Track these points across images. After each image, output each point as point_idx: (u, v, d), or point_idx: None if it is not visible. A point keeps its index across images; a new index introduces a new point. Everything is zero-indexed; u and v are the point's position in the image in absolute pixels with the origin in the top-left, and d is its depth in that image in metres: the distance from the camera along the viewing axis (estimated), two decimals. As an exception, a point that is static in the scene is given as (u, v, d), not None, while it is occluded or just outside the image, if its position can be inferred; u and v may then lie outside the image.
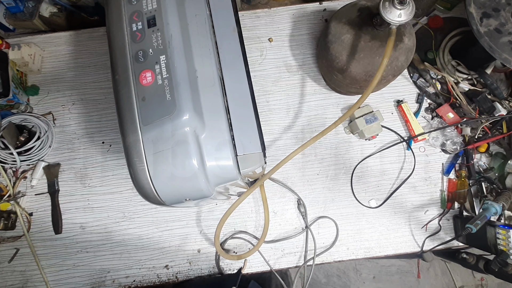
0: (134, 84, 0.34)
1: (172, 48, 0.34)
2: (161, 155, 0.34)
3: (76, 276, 0.67)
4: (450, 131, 0.70)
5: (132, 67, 0.35)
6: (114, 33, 0.36)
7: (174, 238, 0.69)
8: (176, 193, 0.36)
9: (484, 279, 1.50)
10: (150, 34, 0.35)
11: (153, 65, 0.34)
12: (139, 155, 0.34)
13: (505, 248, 0.59)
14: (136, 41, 0.35)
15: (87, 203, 0.70)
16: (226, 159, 0.36)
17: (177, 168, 0.34)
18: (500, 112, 0.68)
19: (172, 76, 0.34)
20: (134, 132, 0.34)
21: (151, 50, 0.35)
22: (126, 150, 0.35)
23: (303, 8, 0.77)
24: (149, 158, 0.34)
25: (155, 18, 0.35)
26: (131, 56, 0.35)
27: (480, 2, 0.58)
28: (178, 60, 0.34)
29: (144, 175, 0.34)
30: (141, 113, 0.34)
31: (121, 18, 0.36)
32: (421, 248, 0.69)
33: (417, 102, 0.73)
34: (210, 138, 0.35)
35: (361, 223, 0.70)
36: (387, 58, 0.48)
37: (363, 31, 0.57)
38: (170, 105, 0.34)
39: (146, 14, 0.35)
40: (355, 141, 0.72)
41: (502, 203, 0.61)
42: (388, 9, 0.47)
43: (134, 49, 0.35)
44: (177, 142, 0.34)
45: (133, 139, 0.34)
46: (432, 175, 0.71)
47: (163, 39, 0.35)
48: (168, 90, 0.34)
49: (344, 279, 1.51)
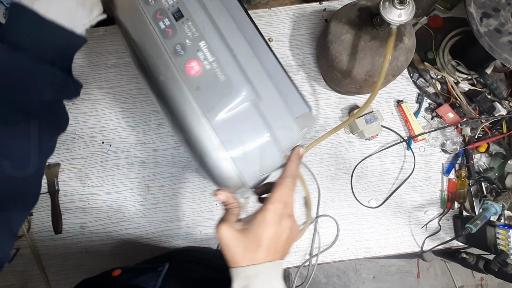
0: (183, 78, 0.34)
1: (208, 31, 0.35)
2: (235, 135, 0.34)
3: (76, 276, 0.67)
4: (450, 131, 0.70)
5: (174, 63, 0.34)
6: (142, 37, 0.36)
7: (174, 238, 0.69)
8: (257, 169, 0.36)
9: (484, 279, 1.50)
10: (181, 26, 0.35)
11: (195, 54, 0.34)
12: (213, 142, 0.34)
13: (505, 248, 0.59)
14: (169, 37, 0.35)
15: (87, 203, 0.70)
16: (287, 123, 0.36)
17: (252, 142, 0.34)
18: (500, 112, 0.68)
19: (218, 57, 0.34)
20: (199, 123, 0.34)
21: (188, 40, 0.35)
22: (197, 144, 0.34)
23: (303, 8, 0.77)
24: (224, 141, 0.34)
25: (180, 10, 0.35)
26: (169, 53, 0.35)
27: (480, 2, 0.58)
28: (217, 41, 0.35)
29: (226, 161, 0.34)
30: (200, 102, 0.34)
31: (144, 20, 0.36)
32: (421, 248, 0.69)
33: (417, 102, 0.73)
34: (268, 107, 0.35)
35: (361, 223, 0.70)
36: (388, 58, 0.48)
37: (363, 31, 0.57)
38: (227, 85, 0.34)
39: (169, 9, 0.35)
40: (355, 141, 0.72)
41: (502, 203, 0.61)
42: (388, 9, 0.47)
43: (170, 46, 0.35)
44: (245, 117, 0.34)
45: (201, 130, 0.34)
46: (432, 175, 0.71)
47: (196, 27, 0.35)
48: (220, 71, 0.34)
49: (344, 279, 1.51)
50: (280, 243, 0.36)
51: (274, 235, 0.35)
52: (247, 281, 0.33)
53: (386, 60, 0.47)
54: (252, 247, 0.34)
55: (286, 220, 0.36)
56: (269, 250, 0.35)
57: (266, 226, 0.34)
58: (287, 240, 0.36)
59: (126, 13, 0.37)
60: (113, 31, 0.75)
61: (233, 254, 0.34)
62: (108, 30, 0.75)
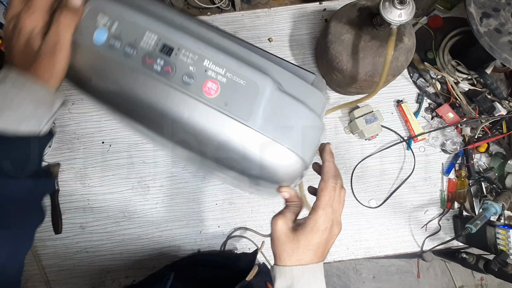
0: (208, 103, 0.33)
1: (205, 48, 0.34)
2: (282, 126, 0.34)
3: (76, 276, 0.67)
4: (450, 131, 0.70)
5: (191, 95, 0.33)
6: (142, 91, 0.34)
7: (174, 238, 0.69)
8: (312, 145, 0.36)
9: (484, 279, 1.50)
10: (176, 58, 0.33)
11: (205, 75, 0.33)
12: (267, 145, 0.33)
13: (504, 248, 0.59)
14: (171, 74, 0.33)
15: (87, 203, 0.70)
16: (311, 91, 0.37)
17: (298, 123, 0.34)
18: (500, 112, 0.68)
19: (228, 66, 0.33)
20: (244, 134, 0.33)
21: (191, 66, 0.33)
22: (251, 157, 0.34)
23: (303, 8, 0.77)
24: (276, 137, 0.33)
25: (166, 44, 0.33)
26: (180, 88, 0.33)
27: (480, 2, 0.58)
28: (218, 53, 0.34)
29: (287, 154, 0.34)
30: (236, 115, 0.33)
31: (135, 74, 0.33)
32: (421, 248, 0.69)
33: (417, 102, 0.73)
34: (290, 87, 0.35)
35: (361, 223, 0.70)
36: (389, 57, 0.48)
37: (363, 31, 0.57)
38: (251, 86, 0.33)
39: (155, 49, 0.33)
40: (355, 141, 0.72)
41: (502, 203, 0.61)
42: (388, 9, 0.47)
43: (177, 81, 0.33)
44: (281, 105, 0.34)
45: (248, 139, 0.33)
46: (432, 175, 0.71)
47: (191, 51, 0.33)
48: (238, 78, 0.33)
49: (344, 279, 1.51)
50: (327, 248, 0.37)
51: (323, 240, 0.36)
52: (291, 280, 0.34)
53: (387, 59, 0.47)
54: (301, 249, 0.35)
55: (336, 227, 0.37)
56: (316, 254, 0.36)
57: (318, 231, 0.35)
58: (331, 244, 0.38)
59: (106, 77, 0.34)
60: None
61: (280, 252, 0.35)
62: (108, 30, 0.75)
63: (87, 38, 0.34)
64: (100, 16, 0.34)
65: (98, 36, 0.34)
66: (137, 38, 0.33)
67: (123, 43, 0.33)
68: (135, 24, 0.34)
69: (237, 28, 0.76)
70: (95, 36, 0.34)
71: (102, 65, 0.34)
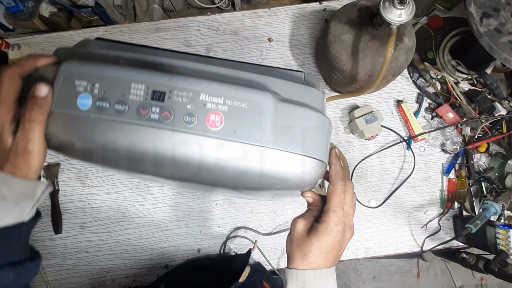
0: (216, 136, 0.32)
1: (196, 83, 0.32)
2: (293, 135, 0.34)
3: (76, 276, 0.67)
4: (450, 131, 0.70)
5: (196, 133, 0.32)
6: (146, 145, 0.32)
7: (174, 238, 0.69)
8: (325, 144, 0.36)
9: (484, 279, 1.50)
10: (171, 101, 0.32)
11: (205, 108, 0.32)
12: (285, 161, 0.33)
13: (504, 248, 0.59)
14: (171, 118, 0.32)
15: (87, 203, 0.70)
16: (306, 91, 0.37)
17: (307, 127, 0.34)
18: (500, 112, 0.68)
19: (225, 93, 0.32)
20: (260, 155, 0.33)
21: (188, 105, 0.32)
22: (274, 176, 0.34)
23: (303, 8, 0.77)
24: (291, 148, 0.33)
25: (156, 91, 0.32)
26: (184, 130, 0.32)
27: (480, 2, 0.58)
28: (211, 83, 0.33)
29: (306, 161, 0.34)
30: (247, 140, 0.32)
31: (135, 131, 0.32)
32: (421, 248, 0.69)
33: (417, 102, 0.73)
34: (288, 94, 0.36)
35: (361, 223, 0.70)
36: (389, 57, 0.48)
37: (363, 31, 0.57)
38: (254, 107, 0.33)
39: (146, 99, 0.32)
40: (355, 141, 0.72)
41: (501, 203, 0.61)
42: (388, 9, 0.47)
43: (179, 123, 0.32)
44: (286, 115, 0.34)
45: (265, 159, 0.33)
46: (432, 175, 0.71)
47: (184, 89, 0.32)
48: (238, 102, 0.32)
49: (344, 279, 1.51)
50: (340, 252, 0.37)
51: (336, 243, 0.36)
52: (303, 284, 0.34)
53: (387, 57, 0.47)
54: (313, 252, 0.35)
55: (349, 231, 0.37)
56: (328, 257, 0.35)
57: (331, 234, 0.35)
58: (344, 248, 0.38)
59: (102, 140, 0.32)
60: (113, 31, 0.75)
61: (295, 253, 0.36)
62: (108, 30, 0.75)
63: (71, 108, 0.32)
64: (77, 82, 0.32)
65: (82, 102, 0.32)
66: (124, 93, 0.32)
67: (111, 102, 0.32)
68: (117, 80, 0.32)
69: (237, 28, 0.76)
70: (79, 104, 0.32)
71: (95, 129, 0.32)
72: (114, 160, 0.35)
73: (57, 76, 0.32)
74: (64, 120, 0.32)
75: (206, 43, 0.75)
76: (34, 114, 0.30)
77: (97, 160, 0.36)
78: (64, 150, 0.34)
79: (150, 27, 0.76)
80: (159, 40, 0.75)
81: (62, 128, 0.32)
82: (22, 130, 0.30)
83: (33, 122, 0.30)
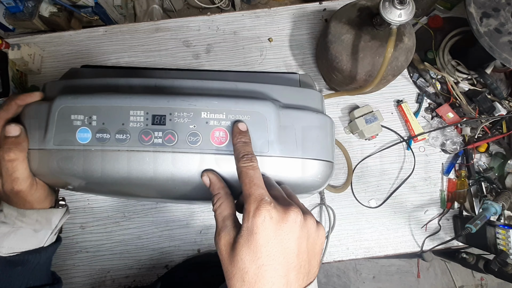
0: (223, 152, 0.32)
1: (196, 101, 0.32)
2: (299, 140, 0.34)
3: (76, 276, 0.67)
4: (450, 131, 0.70)
5: (203, 151, 0.32)
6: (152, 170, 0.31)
7: (174, 238, 0.69)
8: (329, 145, 0.36)
9: (484, 279, 1.51)
10: (173, 123, 0.32)
11: (208, 126, 0.32)
12: (293, 164, 0.33)
13: (504, 248, 0.59)
14: (175, 141, 0.32)
15: (87, 203, 0.70)
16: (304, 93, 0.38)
17: (310, 129, 0.34)
18: (500, 112, 0.68)
19: (226, 108, 0.32)
20: (269, 164, 0.33)
21: (191, 125, 0.32)
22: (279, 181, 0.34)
23: (303, 8, 0.77)
24: (299, 154, 0.33)
25: (156, 115, 0.31)
26: (190, 150, 0.32)
27: (480, 2, 0.58)
28: (211, 100, 0.32)
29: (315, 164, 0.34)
30: (254, 151, 0.32)
31: (140, 158, 0.31)
32: (421, 248, 0.69)
33: (417, 102, 0.73)
34: (288, 99, 0.36)
35: (361, 223, 0.70)
36: (388, 57, 0.48)
37: (363, 31, 0.57)
38: (256, 117, 0.32)
39: (147, 124, 0.31)
40: (355, 141, 0.72)
41: (502, 203, 0.61)
42: (388, 9, 0.47)
43: (184, 145, 0.31)
44: (288, 121, 0.34)
45: (275, 167, 0.33)
46: (432, 175, 0.71)
47: (184, 110, 0.32)
48: (242, 116, 0.32)
49: (344, 279, 1.51)
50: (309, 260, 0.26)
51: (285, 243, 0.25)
52: None
53: (386, 56, 0.47)
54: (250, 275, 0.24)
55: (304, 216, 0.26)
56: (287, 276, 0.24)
57: (261, 229, 0.24)
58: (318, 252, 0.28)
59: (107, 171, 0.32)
60: (113, 31, 0.75)
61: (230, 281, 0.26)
62: (108, 30, 0.75)
63: (71, 143, 0.31)
64: (73, 116, 0.31)
65: (81, 136, 0.31)
66: (124, 122, 0.31)
67: (112, 133, 0.31)
68: (114, 109, 0.31)
69: (237, 28, 0.76)
70: (78, 138, 0.31)
71: (98, 161, 0.32)
72: (123, 188, 0.34)
73: (51, 113, 0.31)
74: (66, 156, 0.32)
75: (206, 43, 0.75)
76: (13, 154, 0.30)
77: (105, 191, 0.36)
78: (70, 186, 0.34)
79: (150, 27, 0.76)
80: (159, 40, 0.75)
81: (65, 165, 0.32)
82: (5, 173, 0.30)
83: (14, 161, 0.30)
